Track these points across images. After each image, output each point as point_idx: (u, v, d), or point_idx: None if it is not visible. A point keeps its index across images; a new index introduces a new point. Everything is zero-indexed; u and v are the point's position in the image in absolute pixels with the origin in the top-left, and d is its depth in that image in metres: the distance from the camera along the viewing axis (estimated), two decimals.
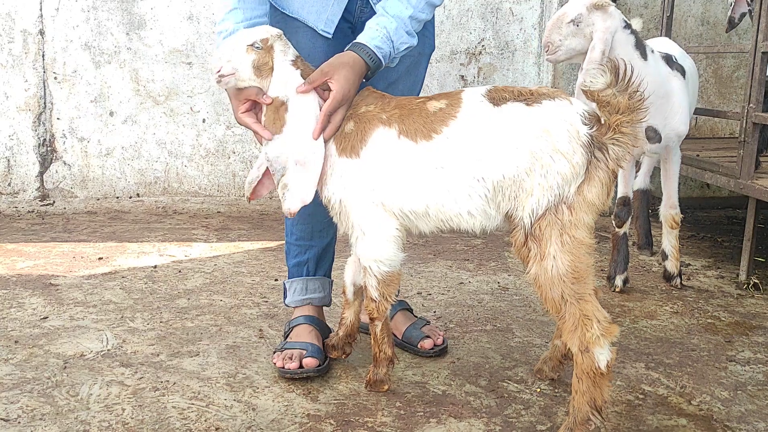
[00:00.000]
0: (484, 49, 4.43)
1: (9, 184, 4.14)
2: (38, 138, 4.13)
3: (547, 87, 1.74)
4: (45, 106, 4.12)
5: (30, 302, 2.60)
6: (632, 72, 1.62)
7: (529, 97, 1.67)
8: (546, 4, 4.41)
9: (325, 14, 1.98)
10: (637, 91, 1.62)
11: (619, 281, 2.86)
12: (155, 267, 3.08)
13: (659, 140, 2.66)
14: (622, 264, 2.88)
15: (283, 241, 2.32)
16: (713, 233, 3.90)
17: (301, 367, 1.99)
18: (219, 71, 1.77)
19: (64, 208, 4.14)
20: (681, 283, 2.91)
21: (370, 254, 1.83)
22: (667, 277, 2.95)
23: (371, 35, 1.86)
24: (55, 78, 4.10)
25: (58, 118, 4.13)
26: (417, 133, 1.73)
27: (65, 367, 2.07)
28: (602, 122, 1.65)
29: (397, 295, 2.28)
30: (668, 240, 2.93)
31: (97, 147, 4.19)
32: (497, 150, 1.66)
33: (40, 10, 4.03)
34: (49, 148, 4.16)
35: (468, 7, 4.38)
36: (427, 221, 1.79)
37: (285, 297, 2.24)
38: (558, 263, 1.63)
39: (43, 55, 4.07)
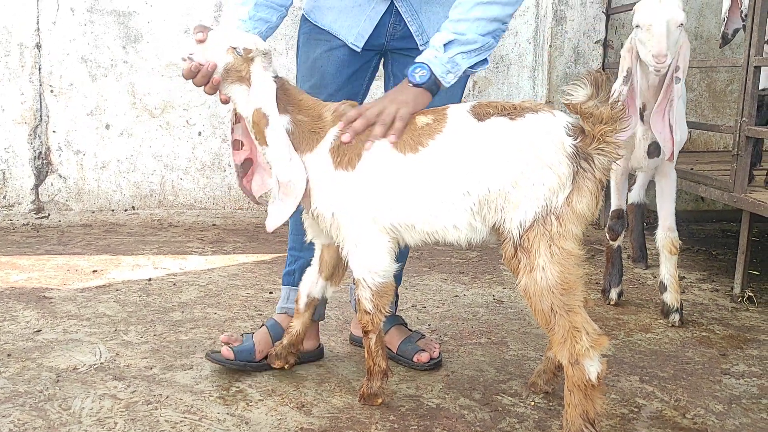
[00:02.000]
0: None
1: (4, 197, 4.13)
2: (34, 151, 4.13)
3: (531, 100, 1.75)
4: (41, 119, 4.12)
5: (23, 315, 2.59)
6: (610, 83, 1.67)
7: (513, 111, 1.69)
8: (540, 19, 4.44)
9: (356, 29, 2.06)
10: (618, 101, 1.66)
11: (614, 294, 2.85)
12: (150, 280, 3.07)
13: (658, 154, 2.62)
14: (616, 277, 2.86)
15: (278, 254, 2.34)
16: (708, 246, 3.91)
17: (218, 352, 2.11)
18: (192, 54, 1.78)
19: (59, 221, 4.13)
20: (680, 320, 2.62)
21: (364, 265, 1.83)
22: (666, 311, 2.66)
23: (422, 59, 1.85)
24: (52, 91, 4.11)
25: (54, 131, 4.14)
26: (406, 147, 1.75)
27: (58, 380, 2.06)
28: (586, 133, 1.66)
29: (393, 310, 2.29)
30: (667, 268, 2.67)
31: (93, 160, 4.19)
32: (482, 164, 1.68)
33: (37, 23, 4.05)
34: (44, 161, 4.16)
35: None
36: (412, 234, 1.80)
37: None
38: (547, 274, 1.63)
39: (39, 68, 4.08)
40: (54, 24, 4.06)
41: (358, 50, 2.06)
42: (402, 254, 2.03)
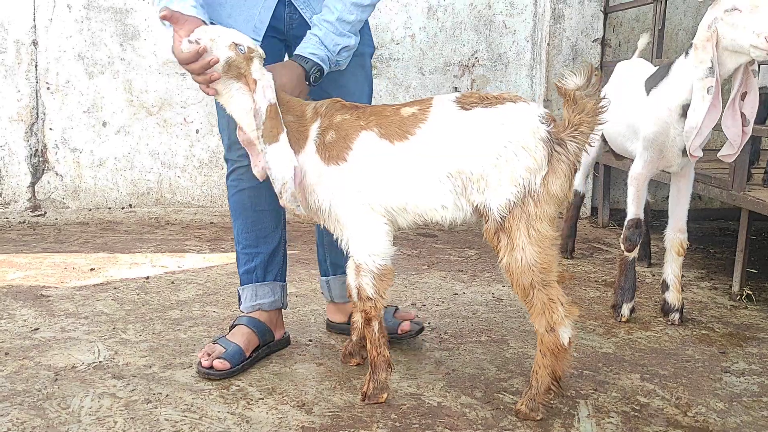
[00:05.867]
0: (477, 61, 4.45)
1: (0, 195, 4.11)
2: (30, 148, 4.11)
3: (509, 93, 1.87)
4: (37, 117, 4.10)
5: (21, 314, 2.57)
6: (600, 79, 1.76)
7: (493, 100, 1.81)
8: (539, 17, 4.44)
9: (252, 22, 2.08)
10: (604, 97, 1.79)
11: (626, 310, 2.64)
12: (148, 278, 3.06)
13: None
14: (629, 292, 2.66)
15: None
16: (706, 244, 3.91)
17: (211, 367, 2.07)
18: (199, 39, 1.79)
19: (56, 219, 4.11)
20: (680, 319, 2.62)
21: (365, 249, 1.89)
22: (666, 310, 2.66)
23: (305, 45, 2.01)
24: (48, 88, 4.09)
25: (50, 129, 4.12)
26: (394, 136, 1.84)
27: (56, 379, 2.04)
28: (557, 122, 1.80)
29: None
30: (672, 268, 2.65)
31: (90, 157, 4.17)
32: (464, 148, 1.79)
33: (34, 20, 4.03)
34: (41, 159, 4.14)
35: (461, 19, 4.40)
36: (405, 216, 1.89)
37: (240, 304, 2.30)
38: (527, 254, 1.77)
39: (36, 66, 4.06)
40: (50, 21, 4.04)
41: (258, 42, 2.06)
42: None
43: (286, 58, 2.20)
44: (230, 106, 1.91)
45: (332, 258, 2.38)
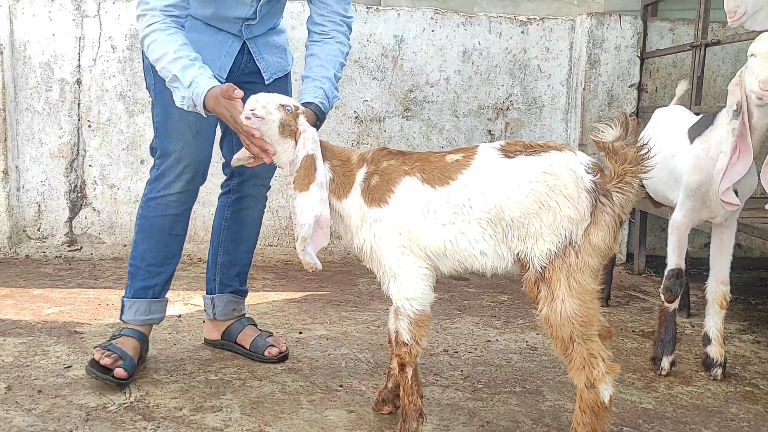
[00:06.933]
0: (512, 104, 4.45)
1: (38, 229, 4.18)
2: (69, 184, 4.19)
3: (554, 141, 1.85)
4: (78, 153, 4.19)
5: (54, 350, 2.59)
6: (639, 127, 1.77)
7: (537, 148, 1.81)
8: (574, 62, 4.43)
9: (219, 62, 2.33)
10: (645, 145, 1.76)
11: (666, 363, 2.57)
12: (179, 316, 3.06)
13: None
14: (670, 344, 2.59)
15: (308, 293, 2.35)
16: (746, 295, 3.80)
17: (111, 370, 2.22)
18: (253, 110, 1.90)
19: (91, 254, 4.16)
20: (723, 374, 2.54)
21: (403, 293, 1.87)
22: (708, 364, 2.57)
23: (313, 95, 2.23)
24: (90, 126, 4.18)
25: (90, 165, 4.20)
26: (436, 181, 1.85)
27: (87, 419, 2.04)
28: (605, 172, 1.78)
29: (244, 311, 2.65)
30: (714, 321, 2.57)
31: (127, 194, 4.24)
32: (506, 195, 1.77)
33: (79, 60, 4.14)
34: (79, 194, 4.21)
35: (496, 63, 4.42)
36: (445, 262, 1.88)
37: (122, 313, 2.44)
38: (566, 306, 1.74)
39: (78, 104, 4.16)
40: (94, 61, 4.15)
41: (222, 81, 2.27)
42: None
43: None
44: (282, 165, 2.01)
45: (222, 277, 2.63)
